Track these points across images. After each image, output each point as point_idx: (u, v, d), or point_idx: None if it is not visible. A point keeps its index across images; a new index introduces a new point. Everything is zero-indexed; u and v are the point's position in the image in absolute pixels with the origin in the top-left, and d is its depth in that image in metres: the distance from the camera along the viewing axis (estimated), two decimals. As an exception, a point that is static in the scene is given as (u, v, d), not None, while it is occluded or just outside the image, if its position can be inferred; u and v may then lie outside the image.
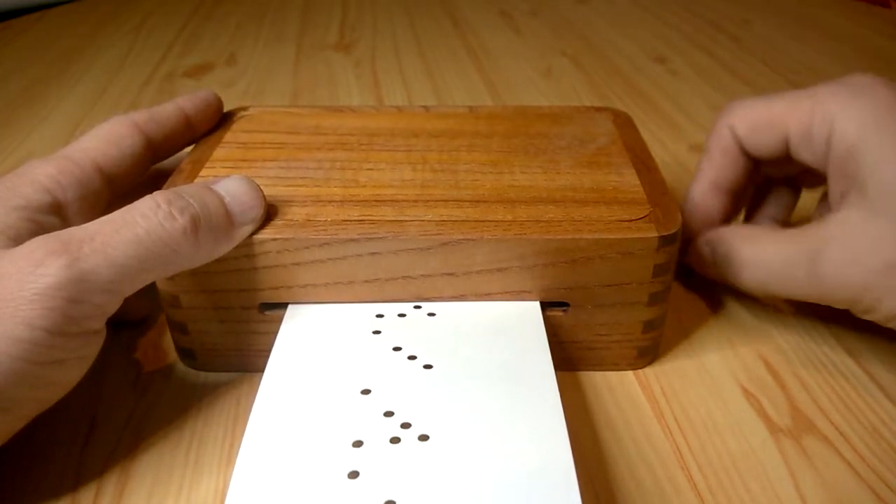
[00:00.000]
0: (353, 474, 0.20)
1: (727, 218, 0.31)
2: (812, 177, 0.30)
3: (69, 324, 0.21)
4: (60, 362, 0.21)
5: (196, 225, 0.23)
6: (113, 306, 0.22)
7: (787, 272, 0.26)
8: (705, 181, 0.31)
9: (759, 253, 0.27)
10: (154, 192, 0.23)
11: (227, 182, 0.25)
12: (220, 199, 0.24)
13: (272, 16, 0.77)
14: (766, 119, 0.28)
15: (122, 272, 0.22)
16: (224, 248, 0.24)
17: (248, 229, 0.25)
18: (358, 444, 0.21)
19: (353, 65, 0.62)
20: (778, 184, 0.32)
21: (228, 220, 0.24)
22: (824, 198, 0.30)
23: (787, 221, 0.33)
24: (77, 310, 0.21)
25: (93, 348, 0.22)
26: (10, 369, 0.20)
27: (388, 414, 0.22)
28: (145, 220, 0.22)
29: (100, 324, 0.22)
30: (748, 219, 0.33)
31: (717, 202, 0.31)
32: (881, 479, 0.24)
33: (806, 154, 0.27)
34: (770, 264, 0.27)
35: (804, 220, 0.29)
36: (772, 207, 0.33)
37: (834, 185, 0.26)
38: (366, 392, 0.23)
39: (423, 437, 0.21)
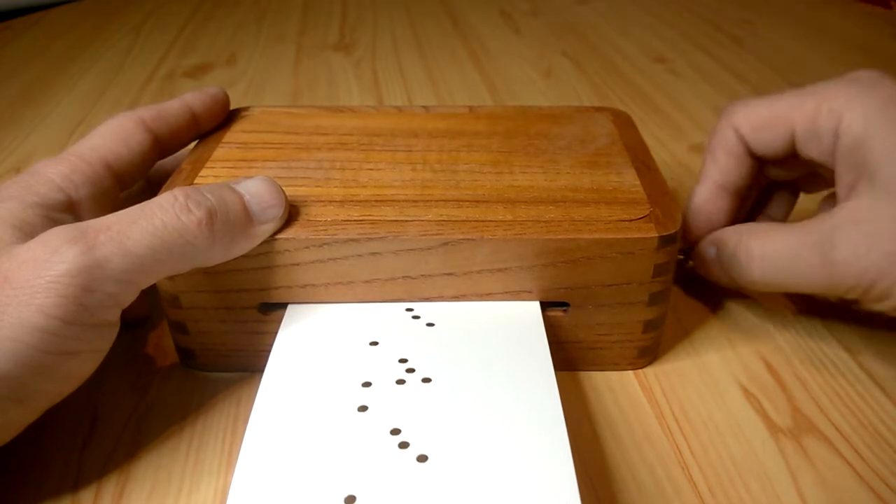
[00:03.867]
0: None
1: (732, 220, 0.31)
2: (813, 180, 0.30)
3: (83, 313, 0.21)
4: (74, 354, 0.22)
5: (212, 219, 0.23)
6: (127, 298, 0.22)
7: (798, 262, 0.26)
8: (709, 183, 0.30)
9: (769, 245, 0.27)
10: (174, 188, 0.24)
11: (248, 182, 0.25)
12: (240, 196, 0.24)
13: (272, 16, 0.77)
14: (771, 117, 0.28)
15: (137, 262, 0.22)
16: (244, 246, 0.24)
17: (269, 228, 0.25)
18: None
19: (353, 65, 0.62)
20: (778, 188, 0.32)
21: (247, 217, 0.24)
22: (827, 198, 0.30)
23: (784, 220, 0.33)
24: (91, 298, 0.21)
25: (106, 341, 0.23)
26: (25, 357, 0.20)
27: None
28: (162, 211, 0.22)
29: (114, 315, 0.22)
30: (750, 220, 0.33)
31: (721, 204, 0.30)
32: (881, 479, 0.24)
33: (813, 149, 0.27)
34: (780, 256, 0.26)
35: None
36: (772, 211, 0.33)
37: (842, 178, 0.26)
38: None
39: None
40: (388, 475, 0.20)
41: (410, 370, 0.23)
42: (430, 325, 0.25)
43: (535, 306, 0.26)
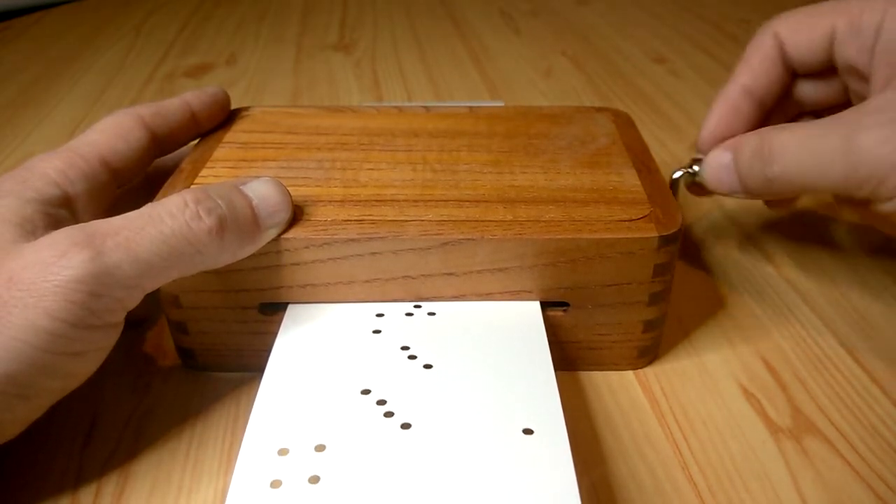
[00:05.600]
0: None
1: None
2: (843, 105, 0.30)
3: (90, 316, 0.21)
4: (80, 354, 0.22)
5: (223, 226, 0.23)
6: (133, 301, 0.22)
7: (822, 149, 0.25)
8: (736, 86, 0.29)
9: (797, 133, 0.26)
10: (182, 191, 0.23)
11: (256, 184, 0.25)
12: (248, 200, 0.24)
13: (272, 16, 0.77)
14: (813, 17, 0.28)
15: (145, 269, 0.22)
16: (248, 250, 0.24)
17: (273, 232, 0.25)
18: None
19: (353, 65, 0.62)
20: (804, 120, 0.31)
21: (255, 222, 0.24)
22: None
23: None
24: (98, 303, 0.21)
25: (111, 340, 0.23)
26: (31, 358, 0.20)
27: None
28: (172, 218, 0.22)
29: (119, 317, 0.22)
30: None
31: (744, 109, 0.29)
32: (881, 479, 0.24)
33: (851, 48, 0.27)
34: (805, 143, 0.25)
35: (806, 220, 0.29)
36: None
37: (878, 75, 0.26)
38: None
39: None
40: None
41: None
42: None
43: (535, 306, 0.26)
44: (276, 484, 0.19)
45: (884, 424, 0.26)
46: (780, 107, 0.30)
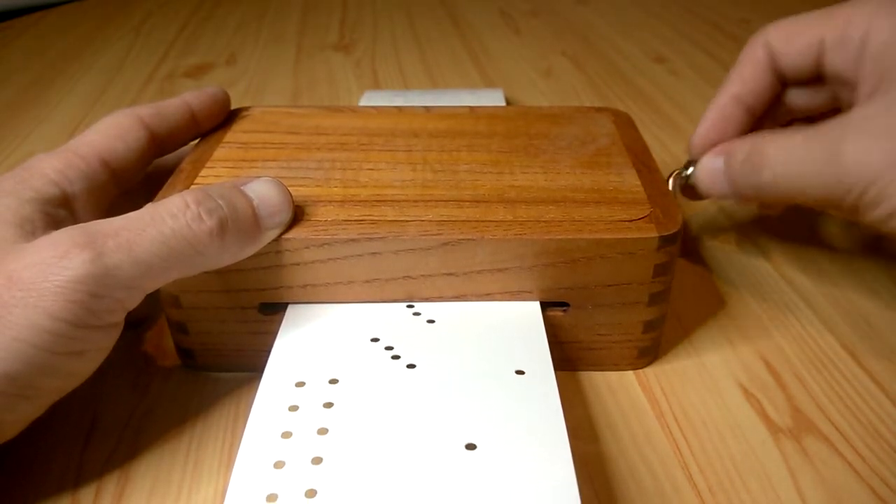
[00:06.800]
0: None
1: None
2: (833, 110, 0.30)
3: (90, 317, 0.21)
4: (80, 353, 0.22)
5: (224, 228, 0.23)
6: (134, 302, 0.22)
7: (809, 159, 0.25)
8: (726, 93, 0.30)
9: (784, 142, 0.26)
10: (183, 192, 0.23)
11: (257, 184, 0.25)
12: (249, 201, 0.24)
13: (272, 16, 0.77)
14: (802, 27, 0.28)
15: (146, 270, 0.22)
16: (249, 251, 0.24)
17: (274, 233, 0.25)
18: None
19: (353, 65, 0.62)
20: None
21: (256, 223, 0.24)
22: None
23: None
24: (98, 304, 0.21)
25: (111, 340, 0.23)
26: (31, 358, 0.20)
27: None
28: (173, 219, 0.22)
29: (119, 318, 0.22)
30: None
31: (734, 116, 0.30)
32: (881, 479, 0.24)
33: (838, 59, 0.27)
34: (793, 154, 0.26)
35: (806, 220, 0.29)
36: None
37: (863, 86, 0.26)
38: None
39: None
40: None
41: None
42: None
43: (535, 306, 0.26)
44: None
45: (884, 424, 0.26)
46: (771, 113, 0.31)
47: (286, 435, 0.21)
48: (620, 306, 0.26)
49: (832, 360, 0.29)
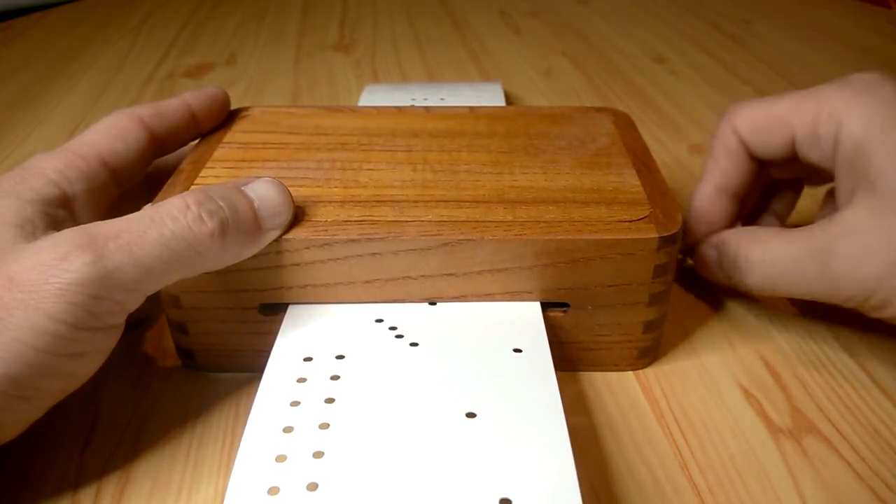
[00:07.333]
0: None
1: (733, 222, 0.31)
2: (818, 177, 0.30)
3: (91, 318, 0.21)
4: (80, 355, 0.22)
5: (224, 229, 0.23)
6: (134, 303, 0.22)
7: (797, 271, 0.26)
8: (710, 185, 0.30)
9: (768, 252, 0.27)
10: (184, 193, 0.23)
11: (257, 184, 0.25)
12: (250, 202, 0.24)
13: (272, 16, 0.77)
14: (771, 120, 0.28)
15: (147, 272, 0.22)
16: (249, 252, 0.24)
17: (274, 234, 0.25)
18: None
19: (353, 65, 0.62)
20: (781, 184, 0.32)
21: (256, 224, 0.24)
22: (828, 195, 0.30)
23: (786, 218, 0.33)
24: (99, 306, 0.21)
25: (111, 341, 0.23)
26: (32, 359, 0.20)
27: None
28: (174, 221, 0.22)
29: (120, 319, 0.22)
30: (752, 218, 0.33)
31: (722, 206, 0.30)
32: (881, 479, 0.24)
33: (813, 154, 0.27)
34: (779, 264, 0.26)
35: (806, 221, 0.29)
36: (776, 206, 0.33)
37: (842, 183, 0.26)
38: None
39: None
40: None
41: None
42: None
43: (535, 307, 0.26)
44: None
45: (884, 424, 0.26)
46: (757, 181, 0.31)
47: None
48: (620, 307, 0.26)
49: (832, 360, 0.29)
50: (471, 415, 0.22)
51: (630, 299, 0.26)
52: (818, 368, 0.28)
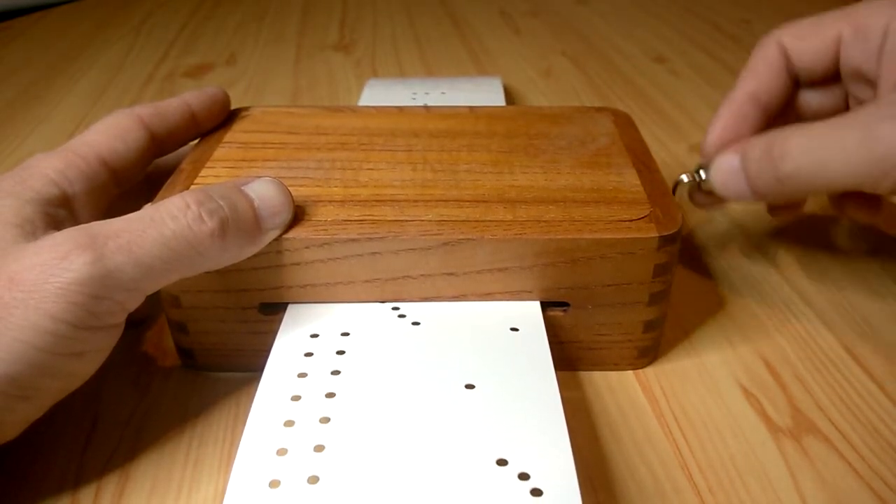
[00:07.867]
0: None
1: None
2: (845, 104, 0.30)
3: (91, 318, 0.21)
4: (80, 354, 0.22)
5: (224, 229, 0.23)
6: (134, 303, 0.22)
7: (839, 144, 0.24)
8: (741, 92, 0.29)
9: (810, 138, 0.25)
10: (184, 192, 0.23)
11: (257, 184, 0.25)
12: (250, 202, 0.24)
13: (272, 16, 0.77)
14: (818, 26, 0.28)
15: (147, 271, 0.22)
16: (249, 252, 0.24)
17: (274, 233, 0.25)
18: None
19: (353, 65, 0.62)
20: None
21: (256, 223, 0.24)
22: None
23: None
24: (99, 305, 0.21)
25: (111, 341, 0.23)
26: (32, 359, 0.20)
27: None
28: (174, 221, 0.22)
29: (120, 319, 0.22)
30: None
31: (749, 115, 0.29)
32: (881, 479, 0.24)
33: (857, 53, 0.27)
34: (820, 140, 0.25)
35: (805, 221, 0.29)
36: None
37: (886, 78, 0.26)
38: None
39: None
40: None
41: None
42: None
43: (535, 306, 0.26)
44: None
45: (884, 424, 0.26)
46: (781, 116, 0.30)
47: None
48: (620, 306, 0.26)
49: (832, 360, 0.29)
50: (470, 386, 0.22)
51: (630, 299, 0.26)
52: (818, 368, 0.28)
